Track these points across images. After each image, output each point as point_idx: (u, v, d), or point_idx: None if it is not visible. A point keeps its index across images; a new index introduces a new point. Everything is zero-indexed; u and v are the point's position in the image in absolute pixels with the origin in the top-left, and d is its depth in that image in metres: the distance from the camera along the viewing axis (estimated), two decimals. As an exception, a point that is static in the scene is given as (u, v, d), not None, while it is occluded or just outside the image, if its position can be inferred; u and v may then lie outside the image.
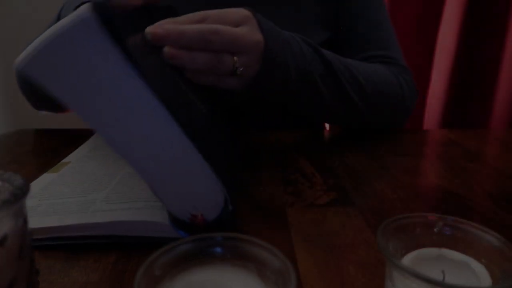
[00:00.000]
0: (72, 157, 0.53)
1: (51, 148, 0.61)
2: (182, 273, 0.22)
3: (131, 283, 0.31)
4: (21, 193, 0.22)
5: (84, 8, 0.27)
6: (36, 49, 0.28)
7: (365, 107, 0.62)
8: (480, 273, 0.25)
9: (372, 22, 0.72)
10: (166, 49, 0.40)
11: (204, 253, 0.23)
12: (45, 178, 0.46)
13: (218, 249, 0.23)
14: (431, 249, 0.27)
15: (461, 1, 1.22)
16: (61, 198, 0.40)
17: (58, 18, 0.54)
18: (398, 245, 0.26)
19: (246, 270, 0.23)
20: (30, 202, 0.39)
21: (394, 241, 0.26)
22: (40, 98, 0.66)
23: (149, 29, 0.40)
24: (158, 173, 0.33)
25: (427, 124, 1.34)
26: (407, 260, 0.26)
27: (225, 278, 0.23)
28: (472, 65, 1.27)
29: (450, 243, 0.27)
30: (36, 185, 0.44)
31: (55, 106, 0.66)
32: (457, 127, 1.32)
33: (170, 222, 0.34)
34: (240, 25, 0.45)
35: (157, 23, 0.41)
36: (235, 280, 0.23)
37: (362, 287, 0.31)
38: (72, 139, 0.65)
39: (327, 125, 0.94)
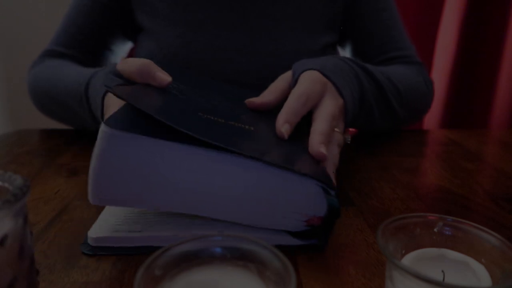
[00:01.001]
0: None
1: (51, 148, 0.62)
2: (182, 273, 0.22)
3: (131, 283, 0.31)
4: (21, 193, 0.22)
5: (102, 127, 0.31)
6: (90, 183, 0.32)
7: (403, 112, 0.64)
8: (480, 273, 0.25)
9: (387, 23, 0.72)
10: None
11: (204, 253, 0.23)
12: None
13: (218, 249, 0.23)
14: (431, 249, 0.27)
15: (461, 1, 1.22)
16: None
17: (86, 90, 0.54)
18: (398, 245, 0.26)
19: (246, 270, 0.23)
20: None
21: (394, 241, 0.26)
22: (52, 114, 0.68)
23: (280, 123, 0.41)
24: (254, 212, 0.34)
25: (427, 124, 1.34)
26: (407, 260, 0.26)
27: (225, 278, 0.23)
28: (472, 65, 1.27)
29: (450, 243, 0.27)
30: None
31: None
32: (457, 127, 1.32)
33: (294, 238, 0.35)
34: (323, 95, 0.45)
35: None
36: (235, 280, 0.23)
37: (362, 287, 0.31)
38: (72, 139, 0.65)
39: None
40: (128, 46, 0.77)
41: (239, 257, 0.23)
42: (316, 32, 0.70)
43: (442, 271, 0.26)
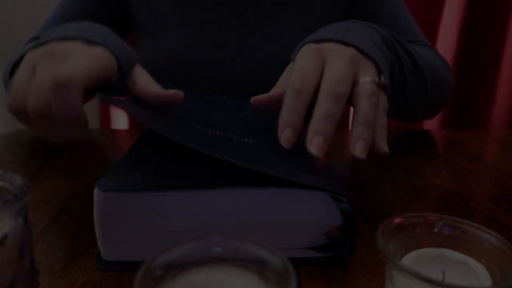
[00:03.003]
0: None
1: (51, 148, 0.61)
2: (182, 273, 0.22)
3: (131, 283, 0.31)
4: (21, 193, 0.22)
5: (94, 191, 0.31)
6: (99, 242, 0.32)
7: (432, 87, 0.58)
8: (480, 273, 0.25)
9: (392, 11, 0.71)
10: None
11: (204, 253, 0.23)
12: None
13: (218, 249, 0.23)
14: (431, 249, 0.27)
15: (461, 0, 1.22)
16: None
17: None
18: (398, 245, 0.26)
19: (246, 270, 0.23)
20: None
21: (394, 241, 0.26)
22: None
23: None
24: (267, 237, 0.33)
25: (427, 124, 1.34)
26: (407, 260, 0.26)
27: (225, 278, 0.23)
28: (472, 65, 1.27)
29: (450, 243, 0.27)
30: None
31: None
32: (457, 127, 1.32)
33: (317, 252, 0.34)
34: (323, 64, 0.38)
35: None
36: (235, 280, 0.23)
37: (362, 287, 0.31)
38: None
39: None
40: None
41: (239, 257, 0.23)
42: (321, 26, 0.70)
43: (442, 271, 0.26)
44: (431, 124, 1.33)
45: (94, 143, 0.64)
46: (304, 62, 0.37)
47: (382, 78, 0.37)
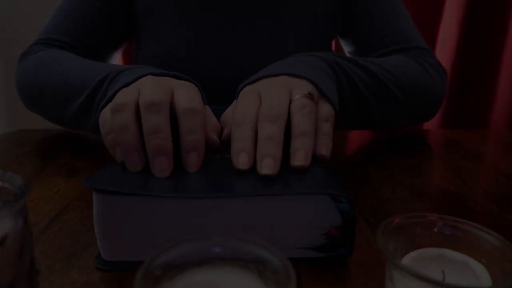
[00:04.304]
0: None
1: (51, 148, 0.62)
2: (182, 273, 0.22)
3: (131, 283, 0.31)
4: (21, 193, 0.22)
5: (94, 193, 0.31)
6: (99, 242, 0.32)
7: (405, 98, 0.60)
8: (480, 273, 0.25)
9: (387, 11, 0.70)
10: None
11: (204, 253, 0.23)
12: None
13: (218, 249, 0.23)
14: (431, 249, 0.27)
15: (461, 1, 1.22)
16: None
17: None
18: (398, 245, 0.26)
19: (246, 270, 0.23)
20: None
21: (394, 241, 0.26)
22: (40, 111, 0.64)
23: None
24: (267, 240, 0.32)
25: (427, 124, 1.34)
26: (407, 260, 0.26)
27: (225, 278, 0.23)
28: (472, 65, 1.28)
29: (450, 243, 0.27)
30: None
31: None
32: (457, 127, 1.32)
33: (317, 252, 0.33)
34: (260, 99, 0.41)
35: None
36: (235, 280, 0.23)
37: (362, 287, 0.31)
38: (72, 139, 0.65)
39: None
40: (123, 44, 0.76)
41: (239, 257, 0.23)
42: (319, 32, 0.70)
43: (442, 271, 0.26)
44: (430, 124, 1.33)
45: (94, 143, 0.64)
46: (242, 101, 0.41)
47: (311, 89, 0.40)
